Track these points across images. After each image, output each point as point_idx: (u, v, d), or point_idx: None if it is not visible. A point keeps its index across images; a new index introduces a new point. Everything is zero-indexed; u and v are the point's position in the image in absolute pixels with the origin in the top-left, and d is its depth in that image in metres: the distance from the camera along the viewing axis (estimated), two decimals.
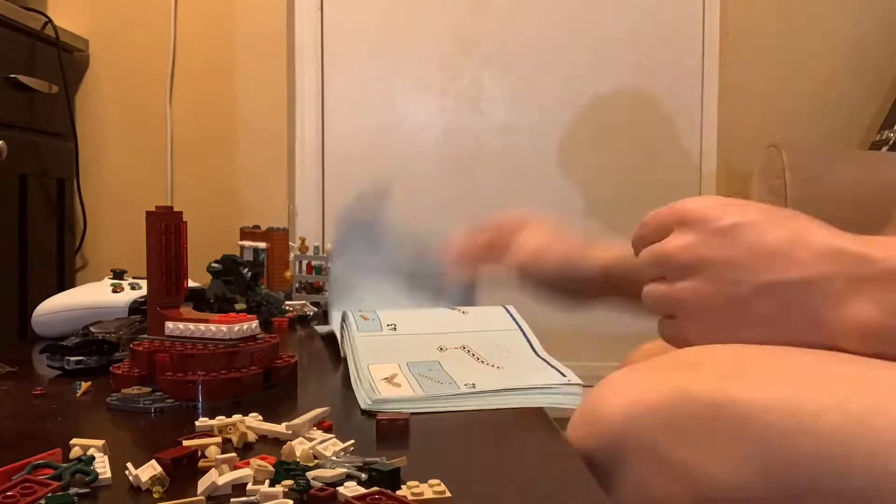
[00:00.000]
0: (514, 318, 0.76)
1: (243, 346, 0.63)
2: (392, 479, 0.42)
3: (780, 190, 1.68)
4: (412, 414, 0.53)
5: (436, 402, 0.58)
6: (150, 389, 0.60)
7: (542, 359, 0.67)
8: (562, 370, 0.64)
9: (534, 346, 0.70)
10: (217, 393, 0.60)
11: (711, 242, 0.49)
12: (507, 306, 0.79)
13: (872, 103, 2.22)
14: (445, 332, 0.70)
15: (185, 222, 0.67)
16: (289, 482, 0.41)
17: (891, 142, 1.99)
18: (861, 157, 1.97)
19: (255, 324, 0.66)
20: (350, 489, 0.40)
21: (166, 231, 0.66)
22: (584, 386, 0.60)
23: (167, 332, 0.65)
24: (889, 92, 2.20)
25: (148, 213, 0.66)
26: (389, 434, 0.51)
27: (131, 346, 0.65)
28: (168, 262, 0.67)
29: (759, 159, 1.76)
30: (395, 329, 0.69)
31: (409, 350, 0.69)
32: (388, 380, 0.62)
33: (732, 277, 0.49)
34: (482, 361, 0.67)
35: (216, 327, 0.64)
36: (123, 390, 0.60)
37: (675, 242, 0.51)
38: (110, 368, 0.65)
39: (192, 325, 0.64)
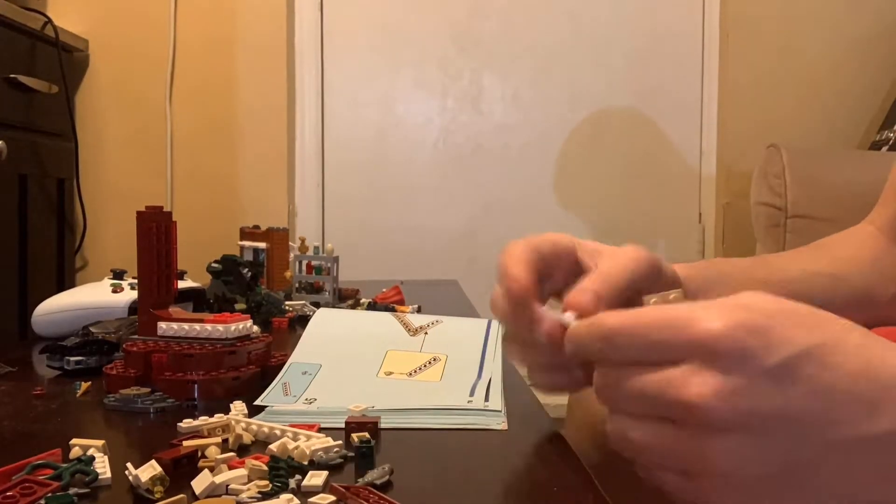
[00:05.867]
0: (487, 333, 0.72)
1: (241, 346, 0.63)
2: (366, 457, 0.44)
3: (780, 190, 1.68)
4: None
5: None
6: (149, 390, 0.60)
7: (478, 378, 0.63)
8: (482, 395, 0.60)
9: (483, 367, 0.66)
10: (216, 392, 0.60)
11: (758, 390, 0.34)
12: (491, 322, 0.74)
13: (872, 103, 2.22)
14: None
15: (175, 222, 0.67)
16: (264, 483, 0.41)
17: (891, 142, 1.99)
18: (861, 157, 1.97)
19: (249, 323, 0.66)
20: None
21: (157, 231, 0.66)
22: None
23: (160, 332, 0.65)
24: (889, 92, 2.20)
25: (138, 214, 0.66)
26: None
27: (124, 346, 0.65)
28: (159, 263, 0.66)
29: (759, 159, 1.76)
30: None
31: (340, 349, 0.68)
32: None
33: (792, 436, 0.35)
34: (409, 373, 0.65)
35: (212, 327, 0.64)
36: (122, 391, 0.60)
37: (701, 389, 0.35)
38: (103, 369, 0.65)
39: (186, 326, 0.64)
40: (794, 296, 0.38)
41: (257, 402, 0.58)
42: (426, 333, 0.74)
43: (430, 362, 0.67)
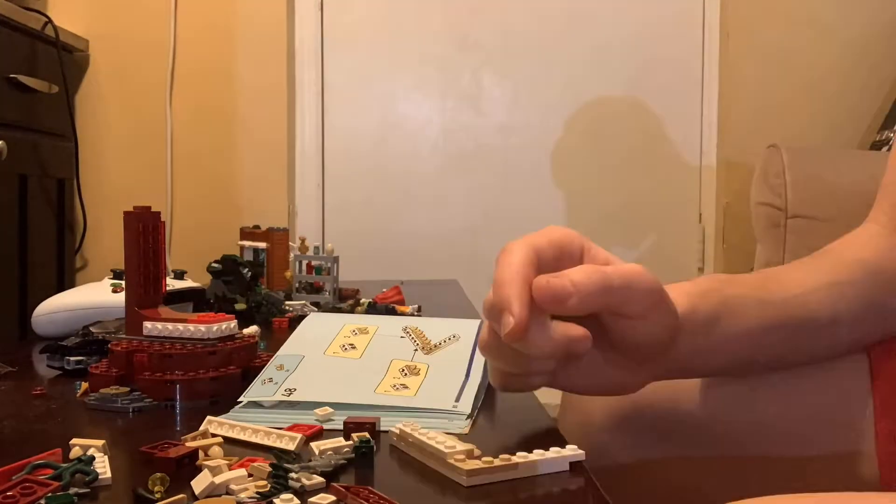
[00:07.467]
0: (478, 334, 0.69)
1: (221, 346, 0.63)
2: (366, 456, 0.44)
3: (780, 190, 1.68)
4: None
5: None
6: (127, 389, 0.60)
7: (466, 380, 0.61)
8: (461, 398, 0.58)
9: (472, 365, 0.64)
10: (195, 393, 0.60)
11: None
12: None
13: (872, 103, 2.22)
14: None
15: (163, 222, 0.68)
16: (263, 483, 0.41)
17: (891, 142, 1.99)
18: (861, 157, 1.97)
19: (233, 323, 0.66)
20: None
21: (143, 231, 0.66)
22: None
23: (145, 331, 0.65)
24: (889, 92, 2.20)
25: (126, 214, 0.66)
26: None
27: (109, 345, 0.65)
28: (146, 263, 0.67)
29: (759, 159, 1.76)
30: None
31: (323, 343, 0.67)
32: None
33: None
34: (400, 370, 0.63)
35: (195, 327, 0.64)
36: (101, 390, 0.60)
37: None
38: (88, 368, 0.65)
39: (170, 325, 0.64)
40: (795, 318, 0.36)
41: (241, 398, 0.58)
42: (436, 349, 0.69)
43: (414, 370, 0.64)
